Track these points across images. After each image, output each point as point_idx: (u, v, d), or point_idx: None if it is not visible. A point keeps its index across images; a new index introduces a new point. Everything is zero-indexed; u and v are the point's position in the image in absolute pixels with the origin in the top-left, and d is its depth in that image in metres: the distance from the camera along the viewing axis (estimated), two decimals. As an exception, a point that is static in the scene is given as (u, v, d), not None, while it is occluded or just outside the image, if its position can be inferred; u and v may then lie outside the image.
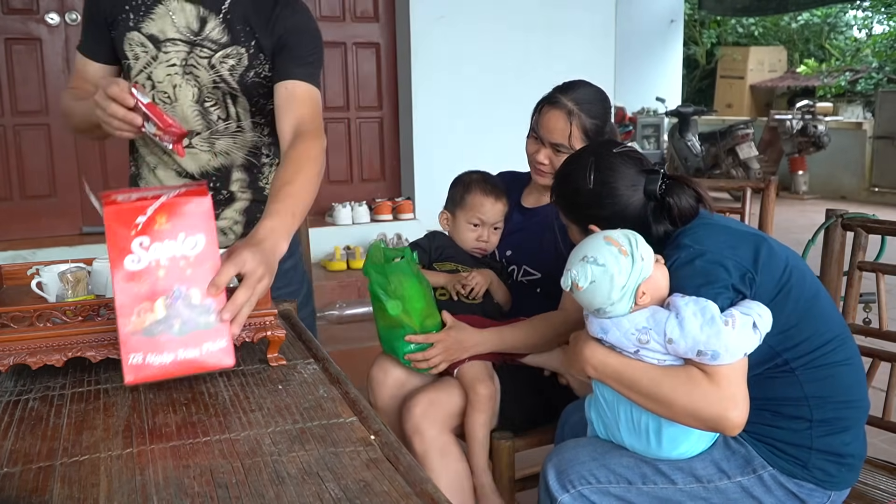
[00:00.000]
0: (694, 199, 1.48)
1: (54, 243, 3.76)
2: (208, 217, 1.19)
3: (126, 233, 1.15)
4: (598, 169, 1.51)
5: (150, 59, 1.65)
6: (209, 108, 1.70)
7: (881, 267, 1.81)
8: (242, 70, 1.68)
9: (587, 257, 1.37)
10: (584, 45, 4.74)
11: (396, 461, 1.01)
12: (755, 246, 1.41)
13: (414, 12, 4.29)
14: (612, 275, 1.34)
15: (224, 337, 1.20)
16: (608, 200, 1.50)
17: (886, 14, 12.89)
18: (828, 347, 1.42)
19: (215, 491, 0.94)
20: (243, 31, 1.65)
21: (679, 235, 1.46)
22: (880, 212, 2.39)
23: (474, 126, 4.47)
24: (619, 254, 1.34)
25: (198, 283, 1.18)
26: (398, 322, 1.75)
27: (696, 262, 1.37)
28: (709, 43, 13.22)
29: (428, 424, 1.73)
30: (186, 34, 1.64)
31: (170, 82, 1.67)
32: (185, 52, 1.65)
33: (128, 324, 1.15)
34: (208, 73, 1.67)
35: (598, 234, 1.42)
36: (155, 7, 1.62)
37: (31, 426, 1.14)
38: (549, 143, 1.87)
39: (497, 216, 1.96)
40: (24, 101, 3.82)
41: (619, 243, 1.35)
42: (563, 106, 1.84)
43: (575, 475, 1.48)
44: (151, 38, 1.64)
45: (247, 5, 1.65)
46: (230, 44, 1.65)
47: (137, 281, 1.16)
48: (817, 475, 1.41)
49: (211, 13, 1.63)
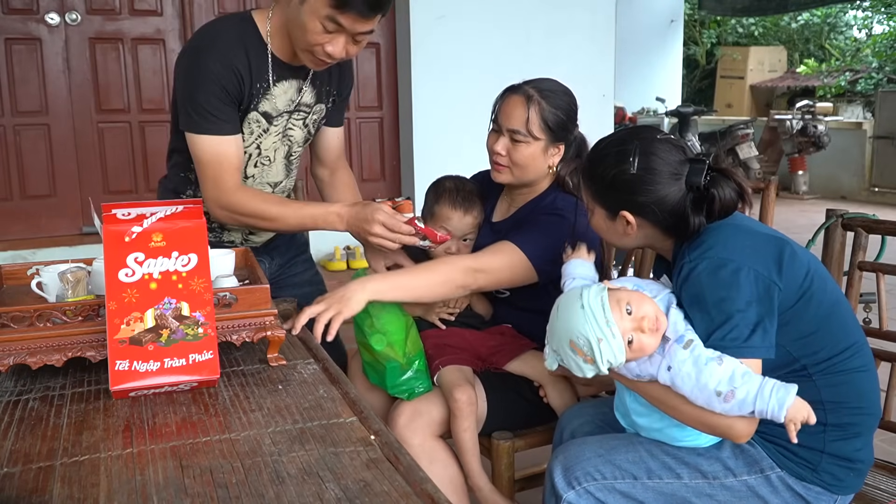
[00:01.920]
0: (736, 193, 1.43)
1: (54, 243, 3.76)
2: (201, 237, 1.25)
3: (121, 248, 1.21)
4: (642, 153, 1.45)
5: (262, 132, 1.85)
6: (293, 160, 1.98)
7: (881, 267, 1.81)
8: (320, 122, 1.98)
9: (557, 353, 1.42)
10: (584, 45, 4.73)
11: (396, 461, 1.01)
12: (778, 250, 1.39)
13: (414, 12, 4.29)
14: (586, 371, 1.38)
15: (211, 349, 1.24)
16: (649, 187, 1.43)
17: (886, 14, 12.88)
18: (846, 354, 1.41)
19: (215, 491, 0.94)
20: (323, 90, 1.92)
21: (704, 234, 1.42)
22: (880, 212, 2.39)
23: (474, 126, 4.43)
24: (585, 362, 1.36)
25: (188, 297, 1.23)
26: (383, 356, 1.73)
27: (721, 273, 1.34)
28: (709, 43, 13.21)
29: (411, 433, 1.72)
30: (290, 106, 1.86)
31: (273, 148, 1.90)
32: (286, 120, 1.88)
33: (117, 331, 1.19)
34: (302, 132, 1.93)
35: (566, 330, 1.38)
36: (269, 90, 1.81)
37: (31, 426, 1.14)
38: (507, 130, 1.81)
39: (465, 229, 1.90)
40: (24, 101, 3.82)
41: (585, 353, 1.35)
42: (524, 92, 1.81)
43: (580, 472, 1.47)
44: (265, 115, 1.83)
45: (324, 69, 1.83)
46: (317, 102, 1.92)
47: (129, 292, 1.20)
48: (826, 479, 1.40)
49: (304, 82, 1.86)
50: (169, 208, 1.24)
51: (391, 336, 1.73)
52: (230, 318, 1.34)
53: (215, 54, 1.71)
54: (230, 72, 1.72)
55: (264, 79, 1.78)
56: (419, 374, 1.77)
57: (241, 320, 1.35)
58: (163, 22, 4.02)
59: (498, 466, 1.79)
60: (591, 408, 1.74)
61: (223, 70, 1.71)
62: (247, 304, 1.36)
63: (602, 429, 1.66)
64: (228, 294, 1.36)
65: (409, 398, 1.75)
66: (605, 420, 1.68)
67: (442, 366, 1.79)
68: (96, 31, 3.90)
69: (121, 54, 3.97)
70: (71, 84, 3.89)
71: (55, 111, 3.87)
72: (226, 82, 1.72)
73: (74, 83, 3.89)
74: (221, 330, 1.33)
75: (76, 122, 3.92)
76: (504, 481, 1.79)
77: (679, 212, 1.43)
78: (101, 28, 3.91)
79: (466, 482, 1.76)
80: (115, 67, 3.96)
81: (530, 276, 1.78)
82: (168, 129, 1.93)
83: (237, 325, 1.35)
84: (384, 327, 1.72)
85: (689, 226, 1.43)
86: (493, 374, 1.87)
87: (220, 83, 1.71)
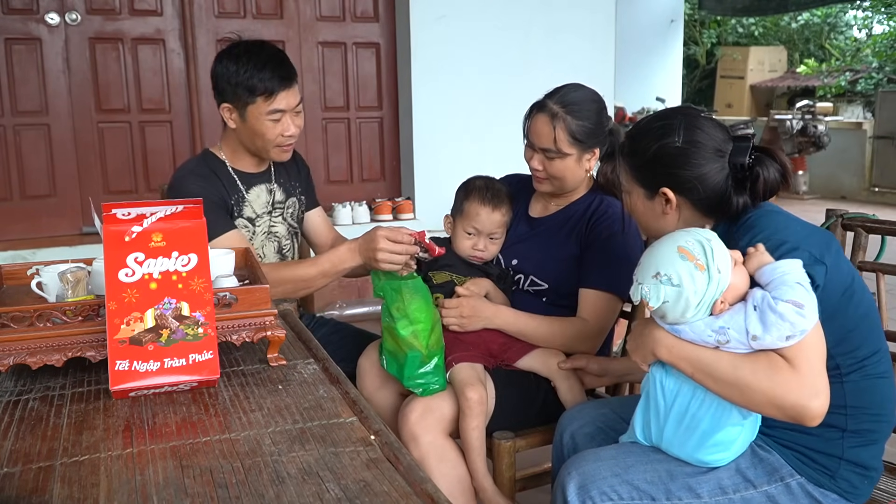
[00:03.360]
0: (780, 173, 1.42)
1: (54, 243, 3.76)
2: (202, 237, 1.25)
3: (121, 248, 1.21)
4: (687, 127, 1.44)
5: (251, 235, 2.11)
6: (286, 253, 2.21)
7: (881, 267, 1.81)
8: (299, 213, 2.25)
9: (660, 275, 1.29)
10: (584, 45, 4.73)
11: (396, 461, 1.01)
12: (829, 239, 1.38)
13: (414, 12, 4.28)
14: (688, 296, 1.26)
15: (211, 349, 1.23)
16: (694, 160, 1.42)
17: (886, 14, 12.88)
18: (875, 358, 1.39)
19: (215, 491, 0.94)
20: (288, 185, 2.21)
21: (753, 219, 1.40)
22: (880, 212, 2.39)
23: (474, 126, 4.47)
24: (695, 269, 1.26)
25: (188, 297, 1.23)
26: (407, 344, 1.73)
27: (778, 254, 1.31)
28: (709, 43, 13.21)
29: (423, 430, 1.72)
30: (267, 207, 2.15)
31: (261, 246, 2.14)
32: (268, 219, 2.15)
33: (117, 331, 1.18)
34: (284, 226, 2.19)
35: (671, 241, 1.31)
36: (245, 198, 2.10)
37: (31, 426, 1.14)
38: (539, 148, 1.88)
39: (493, 226, 1.93)
40: (24, 101, 3.82)
41: (695, 256, 1.26)
42: (549, 110, 1.84)
43: (596, 491, 1.41)
44: (249, 220, 2.11)
45: (281, 168, 2.19)
46: (287, 197, 2.20)
47: (129, 292, 1.20)
48: (843, 486, 1.39)
49: (271, 184, 2.16)
50: (169, 208, 1.24)
51: (418, 325, 1.72)
52: (230, 318, 1.34)
53: (192, 180, 2.02)
54: (212, 189, 2.00)
55: (237, 189, 2.08)
56: (437, 371, 1.76)
57: (241, 320, 1.35)
58: (163, 22, 4.02)
59: (499, 466, 1.78)
60: (590, 409, 1.73)
61: (204, 190, 1.96)
62: (247, 304, 1.36)
63: (602, 431, 1.66)
64: (228, 294, 1.36)
65: (423, 394, 1.75)
66: (605, 422, 1.68)
67: (455, 362, 1.80)
68: (96, 31, 3.90)
69: (121, 54, 3.96)
70: (71, 84, 3.89)
71: (55, 111, 3.87)
72: (210, 196, 1.96)
73: (74, 83, 3.89)
74: (221, 330, 1.33)
75: (76, 122, 3.92)
76: (505, 481, 1.79)
77: (721, 191, 1.42)
78: (101, 28, 3.91)
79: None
80: (115, 67, 3.96)
81: (619, 303, 1.91)
82: (168, 130, 1.97)
83: (237, 325, 1.35)
84: (413, 314, 1.71)
85: (732, 206, 1.41)
86: (503, 370, 1.88)
87: (207, 198, 1.86)
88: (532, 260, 1.96)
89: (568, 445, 1.68)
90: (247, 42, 2.03)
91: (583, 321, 1.87)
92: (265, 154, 2.07)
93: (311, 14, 4.31)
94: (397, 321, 1.72)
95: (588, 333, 1.87)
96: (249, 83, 1.95)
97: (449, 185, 2.13)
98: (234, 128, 2.03)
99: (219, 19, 4.11)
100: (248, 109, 1.98)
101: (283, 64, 2.00)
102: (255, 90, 1.96)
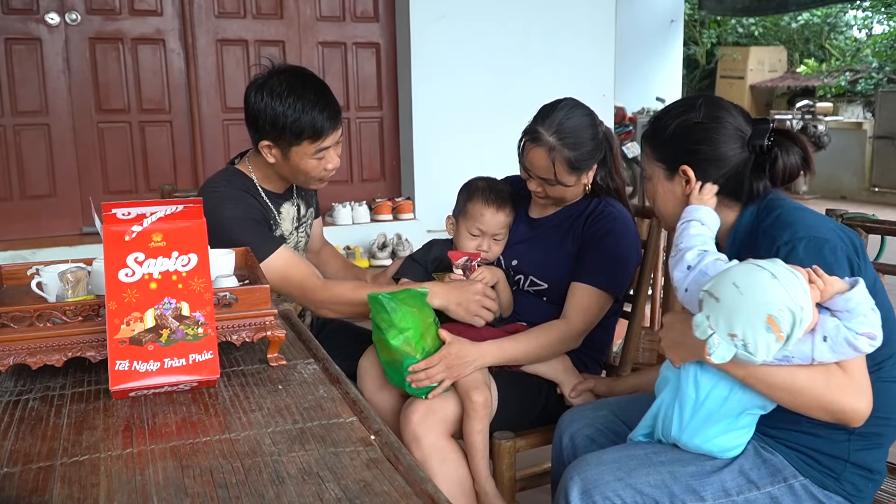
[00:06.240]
0: (800, 158, 1.40)
1: (54, 243, 3.76)
2: (202, 237, 1.25)
3: (121, 248, 1.21)
4: (709, 104, 1.45)
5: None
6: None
7: (881, 267, 1.81)
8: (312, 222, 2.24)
9: (737, 337, 1.21)
10: (584, 45, 4.73)
11: (396, 461, 1.01)
12: (855, 238, 1.37)
13: (414, 12, 4.28)
14: (755, 359, 1.23)
15: (211, 349, 1.23)
16: (714, 136, 1.42)
17: (886, 14, 12.88)
18: (891, 361, 1.39)
19: (215, 491, 0.94)
20: (307, 197, 2.19)
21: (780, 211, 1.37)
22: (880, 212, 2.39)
23: (474, 126, 4.47)
24: (775, 341, 1.20)
25: (188, 297, 1.23)
26: (400, 353, 1.72)
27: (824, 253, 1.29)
28: (709, 43, 13.21)
29: (425, 431, 1.72)
30: (296, 222, 2.13)
31: None
32: (297, 234, 2.14)
33: (117, 332, 1.18)
34: (305, 237, 2.19)
35: (765, 300, 1.20)
36: (278, 217, 2.06)
37: (31, 426, 1.14)
38: (537, 177, 1.87)
39: (497, 227, 1.94)
40: (24, 101, 3.81)
41: (781, 329, 1.19)
42: (545, 143, 1.81)
43: (599, 496, 1.41)
44: (282, 237, 2.06)
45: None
46: (308, 208, 2.20)
47: (129, 292, 1.20)
48: (848, 489, 1.38)
49: (295, 199, 2.13)
50: (169, 208, 1.24)
51: (407, 332, 1.72)
52: (230, 318, 1.34)
53: (230, 204, 1.91)
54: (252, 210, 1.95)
55: (269, 209, 2.02)
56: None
57: (241, 320, 1.35)
58: (163, 22, 4.02)
59: (499, 466, 1.79)
60: (589, 411, 1.73)
61: (245, 213, 1.92)
62: (247, 304, 1.36)
63: (601, 433, 1.66)
64: (228, 294, 1.36)
65: (426, 396, 1.76)
66: (604, 424, 1.68)
67: None
68: (96, 31, 3.90)
69: (121, 54, 3.96)
70: (71, 84, 3.88)
71: (55, 111, 3.87)
72: (253, 215, 1.94)
73: (74, 83, 3.89)
74: (221, 330, 1.33)
75: (76, 122, 3.92)
76: (505, 481, 1.79)
77: (740, 176, 1.41)
78: (101, 28, 3.91)
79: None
80: (115, 67, 3.96)
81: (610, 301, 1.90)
82: (168, 130, 1.96)
83: (237, 325, 1.35)
84: (399, 323, 1.71)
85: (753, 190, 1.41)
86: (506, 372, 1.87)
87: (249, 218, 1.93)
88: (532, 260, 1.95)
89: (567, 448, 1.68)
90: (287, 74, 1.90)
91: (565, 322, 1.86)
92: (303, 185, 2.06)
93: (311, 14, 4.31)
94: (386, 332, 1.71)
95: (571, 334, 1.86)
96: (296, 127, 1.85)
97: (449, 185, 2.13)
98: (273, 162, 1.95)
99: (219, 19, 4.11)
100: (293, 150, 1.90)
101: (329, 103, 1.90)
102: (302, 134, 1.87)
